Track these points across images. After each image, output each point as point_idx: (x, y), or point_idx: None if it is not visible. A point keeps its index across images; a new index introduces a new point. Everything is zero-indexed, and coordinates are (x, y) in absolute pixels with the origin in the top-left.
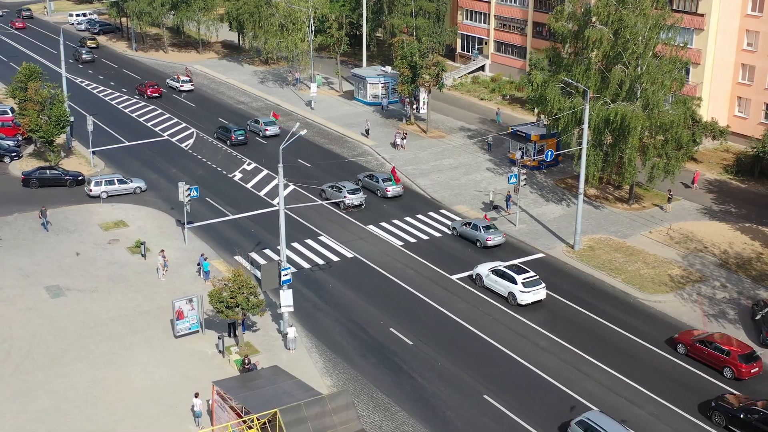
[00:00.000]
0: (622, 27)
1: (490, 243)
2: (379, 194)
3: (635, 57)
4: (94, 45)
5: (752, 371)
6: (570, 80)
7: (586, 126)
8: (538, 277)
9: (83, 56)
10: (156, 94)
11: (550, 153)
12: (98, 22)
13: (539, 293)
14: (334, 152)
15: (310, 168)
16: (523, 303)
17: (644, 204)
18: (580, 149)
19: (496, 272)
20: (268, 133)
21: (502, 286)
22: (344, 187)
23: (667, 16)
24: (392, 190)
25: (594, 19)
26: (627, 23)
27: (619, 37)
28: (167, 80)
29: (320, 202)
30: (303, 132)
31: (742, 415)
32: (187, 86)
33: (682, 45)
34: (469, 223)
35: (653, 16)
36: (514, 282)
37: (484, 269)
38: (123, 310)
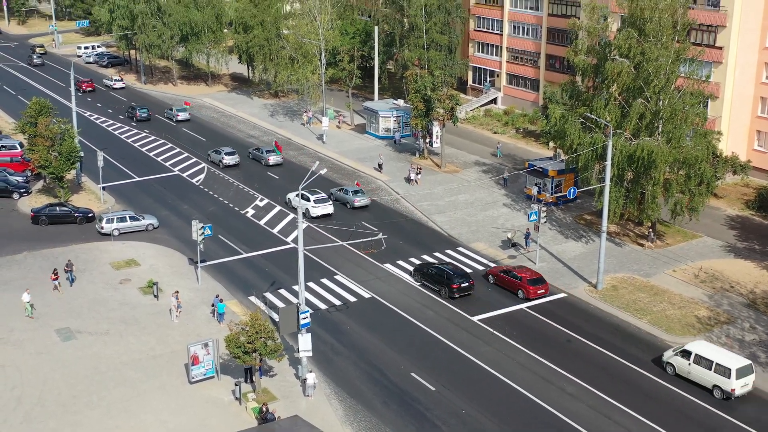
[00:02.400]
0: (644, 60)
1: (357, 204)
2: (263, 163)
3: (657, 91)
4: (42, 52)
5: (538, 292)
6: (592, 115)
7: (609, 162)
8: (327, 197)
9: (34, 60)
10: (90, 89)
11: (573, 190)
12: (107, 55)
13: (327, 208)
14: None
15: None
16: (315, 215)
17: (667, 241)
18: (602, 186)
19: (299, 195)
20: (179, 118)
21: (301, 205)
22: (222, 150)
23: (687, 48)
24: (273, 158)
25: (614, 51)
26: (649, 56)
27: (640, 70)
28: (103, 80)
29: (340, 242)
30: (323, 171)
31: (428, 271)
32: (119, 84)
33: (704, 78)
34: (342, 189)
35: (675, 48)
36: (308, 200)
37: (292, 195)
38: (136, 353)
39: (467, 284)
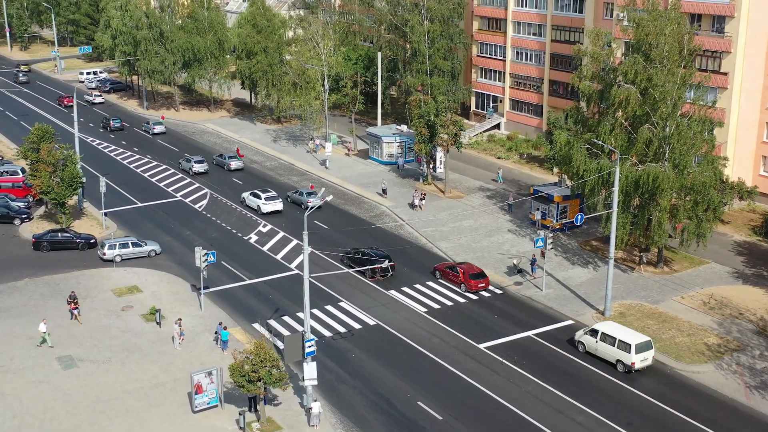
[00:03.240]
0: (650, 86)
1: (310, 204)
2: (226, 168)
3: (664, 117)
4: (27, 70)
5: (479, 285)
6: (599, 141)
7: (616, 188)
8: (276, 195)
9: (20, 78)
10: (70, 104)
11: (580, 217)
12: (109, 81)
13: (277, 205)
14: (351, 213)
15: (327, 230)
16: (265, 211)
17: (674, 268)
18: (609, 212)
19: (251, 194)
20: (155, 131)
21: (253, 202)
22: (192, 158)
23: (693, 74)
24: (234, 164)
25: (620, 78)
26: (656, 82)
27: (647, 96)
28: (84, 96)
29: (345, 270)
30: (329, 198)
31: (354, 256)
32: (99, 99)
33: (710, 104)
34: (297, 191)
35: (681, 74)
36: (260, 198)
37: (246, 194)
38: (138, 382)
39: (387, 266)
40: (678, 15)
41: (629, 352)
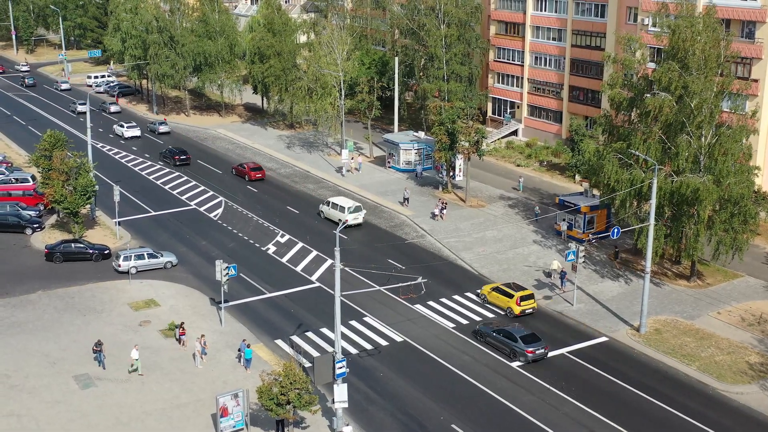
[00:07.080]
0: (686, 94)
1: (161, 131)
2: (106, 112)
3: (700, 126)
4: None
5: (257, 176)
6: (634, 151)
7: (653, 201)
8: (136, 124)
9: None
10: (1, 71)
11: (616, 230)
12: (118, 84)
13: (136, 131)
14: (370, 223)
15: (348, 240)
16: (127, 136)
17: (708, 281)
18: (643, 226)
19: (118, 124)
20: (61, 88)
21: (119, 131)
22: (78, 101)
23: (732, 81)
24: (113, 107)
25: (654, 85)
26: (693, 90)
27: (683, 104)
28: (15, 66)
29: (378, 287)
30: (363, 213)
31: (163, 151)
32: (25, 68)
33: (751, 114)
34: (153, 122)
35: (718, 82)
36: (123, 127)
37: (115, 125)
38: (159, 402)
39: (185, 157)
40: (714, 21)
41: (344, 213)
